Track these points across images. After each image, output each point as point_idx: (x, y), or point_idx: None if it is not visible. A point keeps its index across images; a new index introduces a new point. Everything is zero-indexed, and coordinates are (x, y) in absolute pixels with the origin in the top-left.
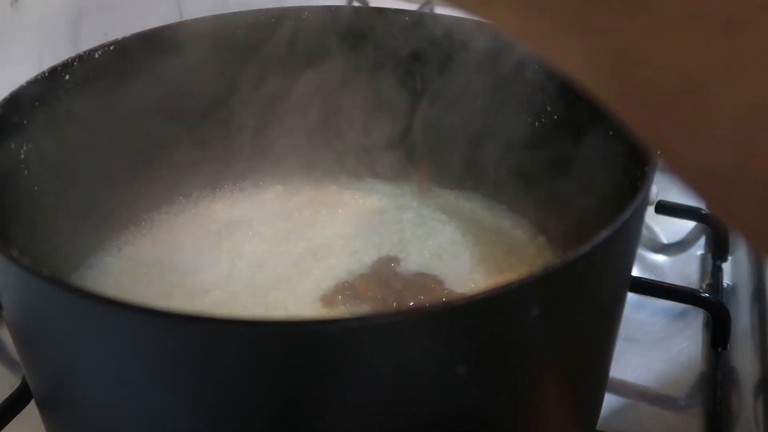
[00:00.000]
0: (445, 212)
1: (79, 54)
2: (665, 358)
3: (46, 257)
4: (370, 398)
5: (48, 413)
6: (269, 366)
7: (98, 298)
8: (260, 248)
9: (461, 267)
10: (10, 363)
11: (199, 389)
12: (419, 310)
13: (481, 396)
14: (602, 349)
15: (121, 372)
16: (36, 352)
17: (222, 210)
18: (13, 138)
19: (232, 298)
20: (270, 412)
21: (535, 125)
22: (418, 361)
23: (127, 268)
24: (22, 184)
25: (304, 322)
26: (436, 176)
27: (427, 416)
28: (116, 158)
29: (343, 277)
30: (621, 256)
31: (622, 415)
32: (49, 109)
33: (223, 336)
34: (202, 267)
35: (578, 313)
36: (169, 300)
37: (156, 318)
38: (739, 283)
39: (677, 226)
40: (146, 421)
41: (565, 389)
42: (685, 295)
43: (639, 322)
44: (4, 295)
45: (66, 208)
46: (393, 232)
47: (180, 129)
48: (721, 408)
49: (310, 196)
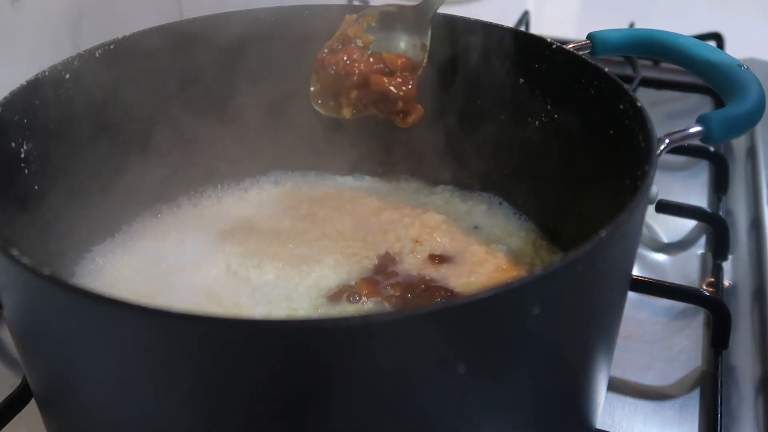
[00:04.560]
0: (444, 212)
1: (79, 53)
2: (665, 357)
3: (46, 257)
4: (371, 398)
5: (48, 413)
6: (269, 366)
7: (98, 298)
8: (260, 248)
9: (461, 267)
10: (10, 363)
11: (199, 389)
12: (419, 310)
13: (481, 396)
14: (602, 348)
15: (121, 372)
16: (36, 351)
17: (222, 210)
18: (13, 138)
19: (233, 298)
20: (270, 411)
21: (535, 124)
22: (418, 361)
23: (127, 267)
24: (22, 184)
25: (304, 322)
26: (436, 176)
27: (427, 416)
28: (116, 157)
29: (343, 277)
30: (621, 255)
31: (622, 414)
32: (49, 108)
33: (223, 336)
34: (202, 266)
35: (578, 313)
36: (169, 299)
37: (156, 318)
38: (740, 282)
39: (678, 225)
40: (146, 420)
41: (565, 389)
42: (685, 295)
43: (639, 321)
44: (4, 295)
45: (66, 208)
46: (393, 232)
47: (180, 128)
48: (721, 408)
49: (310, 196)
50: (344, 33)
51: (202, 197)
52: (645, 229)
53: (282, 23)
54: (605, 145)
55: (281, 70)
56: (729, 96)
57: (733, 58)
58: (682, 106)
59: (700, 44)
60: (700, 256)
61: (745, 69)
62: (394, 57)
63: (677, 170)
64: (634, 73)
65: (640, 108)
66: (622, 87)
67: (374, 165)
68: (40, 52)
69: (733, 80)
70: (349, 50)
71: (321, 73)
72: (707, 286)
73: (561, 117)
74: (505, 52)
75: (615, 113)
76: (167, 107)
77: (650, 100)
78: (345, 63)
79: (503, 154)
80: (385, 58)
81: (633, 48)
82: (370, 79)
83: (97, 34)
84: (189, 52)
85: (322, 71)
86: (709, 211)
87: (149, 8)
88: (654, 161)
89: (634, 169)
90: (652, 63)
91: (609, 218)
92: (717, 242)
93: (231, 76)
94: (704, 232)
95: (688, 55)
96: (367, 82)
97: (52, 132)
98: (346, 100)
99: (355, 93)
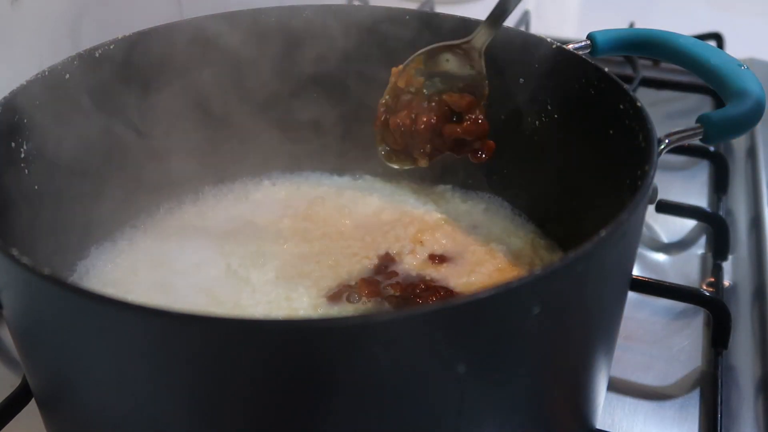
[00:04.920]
0: (444, 212)
1: (79, 53)
2: (666, 357)
3: (46, 257)
4: (370, 397)
5: (48, 413)
6: (269, 366)
7: (98, 298)
8: (260, 248)
9: (461, 267)
10: (10, 363)
11: (199, 389)
12: (419, 310)
13: (481, 396)
14: (602, 348)
15: (120, 372)
16: (36, 351)
17: (222, 210)
18: (13, 138)
19: (233, 298)
20: (270, 411)
21: (536, 124)
22: (418, 361)
23: (127, 267)
24: (22, 184)
25: (304, 322)
26: (436, 175)
27: (427, 416)
28: (116, 158)
29: (343, 277)
30: (621, 255)
31: (622, 414)
32: (49, 108)
33: (223, 336)
34: (202, 266)
35: (578, 313)
36: (169, 300)
37: (156, 318)
38: (740, 282)
39: (678, 225)
40: (146, 420)
41: (565, 389)
42: (685, 295)
43: (639, 321)
44: (4, 295)
45: (66, 208)
46: (392, 232)
47: (180, 128)
48: (721, 408)
49: (310, 196)
50: (394, 86)
51: (203, 197)
52: (645, 229)
53: (282, 23)
54: (605, 145)
55: (281, 70)
56: (729, 96)
57: (733, 58)
58: (682, 106)
59: (700, 44)
60: (700, 256)
61: (745, 69)
62: (457, 97)
63: (677, 170)
64: (634, 73)
65: (640, 108)
66: (622, 87)
67: (374, 165)
68: (40, 52)
69: (733, 80)
70: (408, 104)
71: (387, 134)
72: (707, 286)
73: (561, 117)
74: (505, 52)
75: (615, 113)
76: (167, 107)
77: (650, 100)
78: (411, 120)
79: (503, 154)
80: (449, 101)
81: (633, 48)
82: (443, 131)
83: (97, 34)
84: (189, 52)
85: (387, 133)
86: (709, 211)
87: (149, 8)
88: (654, 161)
89: (634, 169)
90: (652, 63)
91: (609, 218)
92: (717, 242)
93: (231, 75)
94: (704, 232)
95: (688, 55)
96: (440, 133)
97: (52, 132)
98: (421, 153)
99: (429, 147)
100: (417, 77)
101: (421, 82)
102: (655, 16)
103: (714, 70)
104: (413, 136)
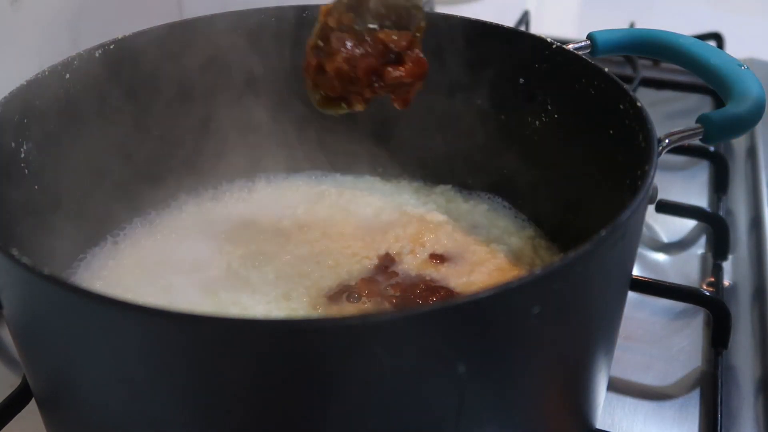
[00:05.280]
0: (444, 212)
1: (79, 53)
2: (665, 357)
3: (46, 257)
4: (370, 397)
5: (48, 413)
6: (269, 365)
7: (98, 298)
8: (260, 248)
9: (461, 267)
10: (10, 363)
11: (199, 389)
12: (419, 310)
13: (481, 396)
14: (602, 348)
15: (120, 371)
16: (36, 351)
17: (222, 210)
18: (13, 138)
19: (233, 298)
20: (270, 411)
21: (535, 124)
22: (418, 360)
23: (127, 267)
24: (22, 184)
25: (304, 322)
26: (436, 176)
27: (427, 416)
28: (116, 157)
29: (343, 277)
30: (621, 255)
31: (622, 414)
32: (49, 109)
33: (223, 336)
34: (202, 266)
35: (578, 313)
36: (169, 300)
37: (156, 318)
38: (740, 282)
39: (678, 225)
40: (145, 420)
41: (565, 389)
42: (685, 294)
43: (639, 321)
44: (4, 295)
45: (66, 208)
46: (392, 232)
47: (180, 128)
48: (721, 408)
49: (310, 196)
50: (324, 25)
51: (203, 197)
52: (645, 229)
53: (282, 23)
54: (605, 145)
55: (281, 70)
56: (729, 96)
57: (733, 58)
58: (682, 106)
59: (700, 44)
60: (700, 256)
61: (745, 69)
62: (396, 36)
63: (677, 170)
64: (634, 73)
65: (640, 108)
66: (622, 87)
67: (374, 165)
68: (40, 52)
69: (733, 80)
70: (343, 44)
71: (321, 80)
72: (707, 286)
73: (561, 117)
74: (505, 52)
75: (615, 113)
76: (167, 107)
77: (650, 100)
78: (348, 64)
79: (503, 154)
80: (386, 40)
81: (633, 48)
82: (385, 76)
83: (97, 34)
84: (189, 52)
85: (321, 79)
86: (709, 211)
87: (149, 8)
88: (654, 161)
89: (634, 169)
90: (652, 63)
91: (609, 218)
92: (717, 242)
93: (231, 75)
94: (704, 232)
95: (688, 55)
96: (380, 76)
97: (52, 132)
98: (359, 98)
99: (368, 91)
100: (346, 13)
101: (351, 19)
102: (655, 16)
103: (714, 70)
104: (353, 81)
